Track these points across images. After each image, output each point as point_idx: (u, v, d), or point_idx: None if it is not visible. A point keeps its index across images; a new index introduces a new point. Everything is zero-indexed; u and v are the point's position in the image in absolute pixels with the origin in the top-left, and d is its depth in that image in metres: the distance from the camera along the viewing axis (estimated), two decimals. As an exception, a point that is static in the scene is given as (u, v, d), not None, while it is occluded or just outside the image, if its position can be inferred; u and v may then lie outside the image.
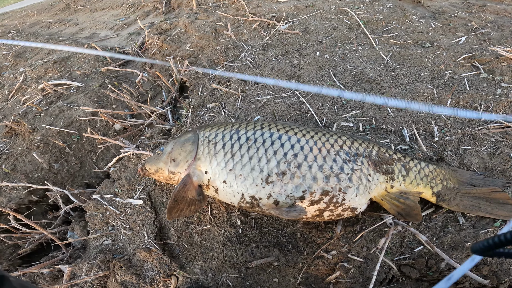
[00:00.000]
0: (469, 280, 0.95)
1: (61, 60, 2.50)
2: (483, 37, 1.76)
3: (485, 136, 1.21)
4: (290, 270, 1.02)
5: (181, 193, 0.92)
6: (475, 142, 1.20)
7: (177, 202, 0.93)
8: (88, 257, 1.15)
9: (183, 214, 0.95)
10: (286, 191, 0.87)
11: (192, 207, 0.96)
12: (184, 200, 0.93)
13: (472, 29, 1.83)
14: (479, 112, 1.03)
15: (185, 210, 0.95)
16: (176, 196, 0.92)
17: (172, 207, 0.93)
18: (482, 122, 1.26)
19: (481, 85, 1.44)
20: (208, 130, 1.03)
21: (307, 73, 1.55)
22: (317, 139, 0.96)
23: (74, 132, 1.62)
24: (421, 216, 0.96)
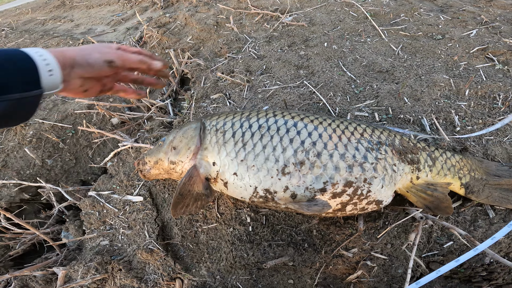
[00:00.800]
0: (502, 276, 0.88)
1: None
2: (494, 30, 1.71)
3: (506, 126, 1.15)
4: (306, 270, 0.94)
5: (187, 186, 0.83)
6: (497, 132, 1.13)
7: (182, 197, 0.84)
8: (84, 258, 1.06)
9: (189, 211, 0.86)
10: (305, 182, 0.79)
11: (199, 203, 0.87)
12: (190, 194, 0.84)
13: (482, 23, 1.79)
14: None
15: (191, 205, 0.86)
16: (181, 189, 0.83)
17: (177, 202, 0.84)
18: (503, 112, 1.20)
19: (497, 76, 1.39)
20: (216, 119, 0.95)
21: (315, 63, 1.48)
22: (335, 127, 0.88)
23: (69, 126, 1.52)
24: (452, 209, 0.88)
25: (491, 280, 0.88)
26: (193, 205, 0.86)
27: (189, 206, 0.85)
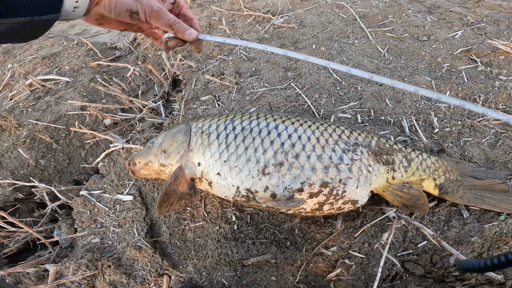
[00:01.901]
0: (475, 276, 0.92)
1: (50, 55, 2.42)
2: (480, 32, 1.75)
3: (485, 127, 1.19)
4: (288, 267, 0.98)
5: (172, 186, 0.87)
6: (476, 133, 1.17)
7: (168, 196, 0.88)
8: (76, 256, 1.10)
9: (173, 209, 0.90)
10: (283, 182, 0.83)
11: (183, 202, 0.90)
12: (175, 194, 0.88)
13: (468, 24, 1.82)
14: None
15: (175, 204, 0.89)
16: (167, 189, 0.87)
17: (163, 201, 0.88)
18: (482, 114, 1.24)
19: (479, 78, 1.43)
20: (201, 121, 0.98)
21: (303, 65, 1.51)
22: (315, 129, 0.91)
23: (62, 127, 1.55)
24: (428, 205, 0.92)
25: (464, 280, 0.92)
26: (177, 204, 0.90)
27: (173, 204, 0.89)
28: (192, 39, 0.66)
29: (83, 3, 0.53)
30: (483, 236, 0.93)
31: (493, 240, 0.95)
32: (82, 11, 0.54)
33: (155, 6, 0.59)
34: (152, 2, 0.59)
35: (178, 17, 0.67)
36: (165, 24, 0.62)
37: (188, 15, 0.69)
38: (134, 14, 0.58)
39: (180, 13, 0.68)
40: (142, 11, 0.58)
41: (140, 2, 0.58)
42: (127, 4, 0.57)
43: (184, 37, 0.65)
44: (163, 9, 0.61)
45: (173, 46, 0.69)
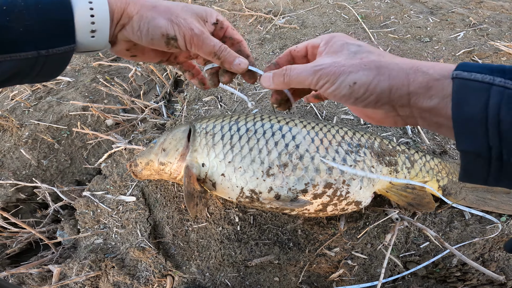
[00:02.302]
0: (476, 276, 0.92)
1: None
2: (482, 33, 1.75)
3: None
4: (291, 268, 0.98)
5: (190, 185, 0.87)
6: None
7: (191, 195, 0.86)
8: (79, 256, 1.10)
9: (199, 209, 0.88)
10: (288, 184, 0.83)
11: (203, 201, 0.90)
12: (195, 192, 0.88)
13: (470, 25, 1.82)
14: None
15: (200, 204, 0.89)
16: (187, 189, 0.86)
17: (189, 201, 0.86)
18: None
19: (482, 79, 1.43)
20: (206, 122, 0.99)
21: (306, 66, 1.52)
22: (318, 130, 0.92)
23: (64, 127, 1.55)
24: (434, 204, 0.92)
25: (466, 281, 0.93)
26: (200, 203, 0.89)
27: (198, 204, 0.89)
28: (242, 70, 0.53)
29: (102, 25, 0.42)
30: (485, 237, 0.94)
31: (494, 241, 0.95)
32: (104, 36, 0.44)
33: (196, 29, 0.48)
34: (193, 24, 0.48)
35: (224, 41, 0.55)
36: (209, 52, 0.49)
37: (235, 38, 0.56)
38: (171, 41, 0.47)
39: (225, 36, 0.55)
40: (181, 36, 0.47)
41: (178, 25, 0.47)
42: (163, 28, 0.46)
43: (232, 67, 0.52)
44: (205, 33, 0.49)
45: (226, 81, 0.56)
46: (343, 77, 0.40)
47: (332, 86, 0.41)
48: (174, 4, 0.49)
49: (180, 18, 0.47)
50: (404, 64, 0.39)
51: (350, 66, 0.40)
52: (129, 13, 0.45)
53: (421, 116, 0.39)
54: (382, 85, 0.39)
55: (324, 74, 0.42)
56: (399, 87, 0.38)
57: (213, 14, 0.53)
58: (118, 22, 0.45)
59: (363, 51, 0.42)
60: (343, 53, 0.43)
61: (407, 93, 0.38)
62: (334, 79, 0.41)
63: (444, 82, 0.35)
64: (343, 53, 0.43)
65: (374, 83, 0.39)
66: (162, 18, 0.46)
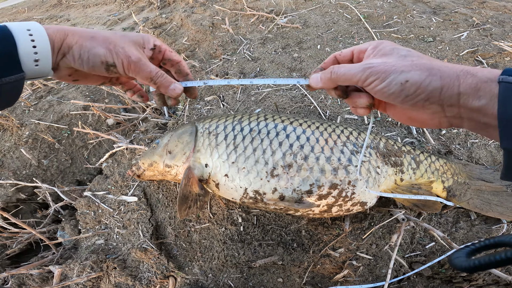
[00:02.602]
0: (482, 277, 0.91)
1: None
2: (485, 33, 1.74)
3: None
4: (295, 269, 0.97)
5: (187, 187, 0.86)
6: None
7: (186, 198, 0.86)
8: (80, 257, 1.09)
9: (192, 212, 0.88)
10: (292, 184, 0.82)
11: (198, 203, 0.89)
12: (191, 195, 0.87)
13: (473, 25, 1.81)
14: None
15: (193, 207, 0.88)
16: (183, 191, 0.85)
17: (181, 204, 0.86)
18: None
19: (486, 79, 1.42)
20: (208, 122, 0.97)
21: (308, 66, 1.50)
22: (323, 130, 0.91)
23: (65, 127, 1.54)
24: (440, 205, 0.91)
25: (472, 281, 0.92)
26: (194, 206, 0.88)
27: (191, 207, 0.88)
28: (177, 95, 0.58)
29: (44, 54, 0.45)
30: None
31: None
32: (47, 64, 0.46)
33: (133, 56, 0.51)
34: (130, 52, 0.51)
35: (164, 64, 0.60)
36: (145, 77, 0.53)
37: (174, 59, 0.60)
38: (110, 67, 0.51)
39: (164, 58, 0.60)
40: (119, 63, 0.51)
41: (117, 53, 0.50)
42: (102, 56, 0.49)
43: (168, 92, 0.56)
44: (142, 60, 0.52)
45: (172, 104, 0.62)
46: (394, 75, 0.43)
47: (382, 83, 0.44)
48: (112, 34, 0.52)
49: (118, 47, 0.50)
50: (454, 67, 0.42)
51: (401, 66, 0.43)
52: (68, 43, 0.48)
53: (469, 117, 0.41)
54: (434, 84, 0.41)
55: (374, 72, 0.44)
56: (450, 87, 0.40)
57: (150, 40, 0.57)
58: (59, 51, 0.48)
59: (413, 55, 0.45)
60: (393, 55, 0.46)
61: (457, 93, 0.40)
62: (384, 76, 0.43)
63: (491, 84, 0.38)
64: (393, 56, 0.46)
65: (426, 82, 0.41)
66: (101, 47, 0.49)
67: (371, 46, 0.50)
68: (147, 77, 0.53)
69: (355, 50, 0.54)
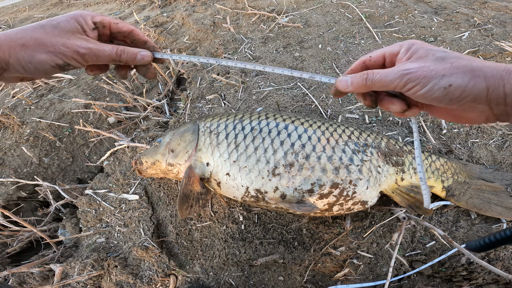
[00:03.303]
0: (482, 276, 0.92)
1: None
2: (486, 33, 1.74)
3: (492, 129, 1.19)
4: (296, 267, 0.97)
5: (188, 186, 0.86)
6: (483, 135, 1.17)
7: (186, 197, 0.86)
8: (81, 255, 1.09)
9: (194, 211, 0.89)
10: (294, 184, 0.82)
11: (200, 202, 0.89)
12: (192, 194, 0.87)
13: (475, 25, 1.81)
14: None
15: (195, 205, 0.88)
16: (184, 190, 0.86)
17: (182, 202, 0.86)
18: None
19: (486, 79, 1.42)
20: (210, 120, 0.98)
21: (309, 65, 1.51)
22: (325, 129, 0.91)
23: (66, 125, 1.54)
24: (432, 210, 0.92)
25: (471, 280, 0.92)
26: (196, 205, 0.88)
27: (193, 206, 0.88)
28: (147, 62, 0.54)
29: None
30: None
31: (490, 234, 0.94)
32: None
33: (81, 49, 0.47)
34: (75, 46, 0.47)
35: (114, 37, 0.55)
36: (108, 60, 0.50)
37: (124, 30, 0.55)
38: (65, 66, 0.48)
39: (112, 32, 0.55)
40: (73, 61, 0.47)
41: (62, 53, 0.46)
42: (49, 61, 0.45)
43: (138, 62, 0.53)
44: (93, 48, 0.49)
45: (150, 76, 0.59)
46: (435, 80, 0.42)
47: (423, 88, 0.43)
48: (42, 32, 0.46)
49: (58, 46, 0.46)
50: (496, 66, 0.42)
51: (442, 70, 0.42)
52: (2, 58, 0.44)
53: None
54: (479, 86, 0.41)
55: (414, 78, 0.44)
56: (496, 88, 0.41)
57: (87, 19, 0.50)
58: None
59: (451, 56, 0.44)
60: (429, 58, 0.45)
61: (503, 94, 0.41)
62: (425, 82, 0.43)
63: None
64: (429, 58, 0.45)
65: (471, 84, 0.41)
66: (41, 54, 0.45)
67: (403, 48, 0.49)
68: (110, 60, 0.51)
69: (386, 53, 0.52)
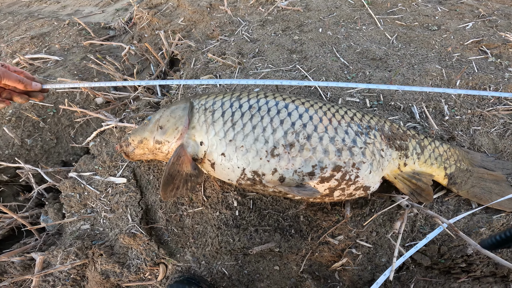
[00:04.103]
0: (480, 268, 0.89)
1: (40, 35, 2.29)
2: (491, 24, 1.71)
3: (494, 117, 1.16)
4: (292, 257, 0.93)
5: (175, 166, 0.80)
6: (485, 123, 1.14)
7: (172, 177, 0.80)
8: (64, 243, 1.02)
9: (180, 193, 0.82)
10: (294, 165, 0.77)
11: (189, 184, 0.83)
12: (179, 175, 0.81)
13: (479, 16, 1.78)
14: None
15: (181, 188, 0.82)
16: (170, 169, 0.79)
17: (167, 183, 0.80)
18: (491, 104, 1.20)
19: (489, 69, 1.39)
20: (205, 98, 0.91)
21: (309, 48, 1.44)
22: (326, 110, 0.85)
23: (50, 105, 1.45)
24: (432, 197, 0.89)
25: (470, 272, 0.89)
26: (183, 187, 0.82)
27: (179, 188, 0.82)
28: (39, 88, 0.81)
29: None
30: (491, 227, 0.90)
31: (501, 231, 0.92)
32: None
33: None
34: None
35: None
36: (15, 80, 0.72)
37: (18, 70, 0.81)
38: None
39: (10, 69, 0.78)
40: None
41: None
42: None
43: (32, 87, 0.77)
44: (7, 70, 0.72)
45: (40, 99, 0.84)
46: None
47: None
48: None
49: None
50: None
51: None
52: None
53: None
54: None
55: None
56: None
57: None
58: None
59: None
60: None
61: None
62: None
63: None
64: None
65: None
66: None
67: None
68: (16, 80, 0.73)
69: None
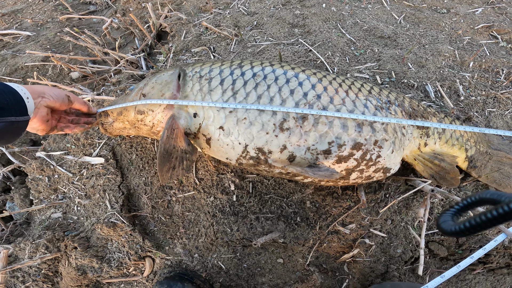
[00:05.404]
0: (497, 259, 0.82)
1: (11, 12, 2.06)
2: (500, 11, 1.66)
3: (508, 100, 1.09)
4: (298, 248, 0.82)
5: (170, 140, 0.66)
6: (500, 105, 1.07)
7: (169, 155, 0.66)
8: (32, 234, 0.88)
9: (176, 174, 0.69)
10: (307, 142, 0.65)
11: (185, 163, 0.70)
12: (176, 151, 0.67)
13: (488, 2, 1.72)
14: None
15: (178, 167, 0.69)
16: (166, 145, 0.65)
17: (163, 162, 0.66)
18: (505, 86, 1.13)
19: (501, 53, 1.33)
20: (199, 65, 0.77)
21: (312, 23, 1.32)
22: (341, 81, 0.74)
23: (19, 80, 1.26)
24: (459, 180, 0.79)
25: (486, 263, 0.83)
26: (179, 167, 0.69)
27: (175, 167, 0.68)
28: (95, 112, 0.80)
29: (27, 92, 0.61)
30: None
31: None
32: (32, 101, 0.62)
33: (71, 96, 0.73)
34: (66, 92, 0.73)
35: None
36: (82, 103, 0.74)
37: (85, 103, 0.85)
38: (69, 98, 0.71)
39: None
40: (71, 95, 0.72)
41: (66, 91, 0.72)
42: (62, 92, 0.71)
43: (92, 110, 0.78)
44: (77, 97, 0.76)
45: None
46: None
47: None
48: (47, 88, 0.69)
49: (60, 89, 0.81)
50: None
51: None
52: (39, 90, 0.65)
53: None
54: None
55: None
56: None
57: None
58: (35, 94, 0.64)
59: None
60: None
61: None
62: None
63: None
64: None
65: None
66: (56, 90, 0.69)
67: None
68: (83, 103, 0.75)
69: None
